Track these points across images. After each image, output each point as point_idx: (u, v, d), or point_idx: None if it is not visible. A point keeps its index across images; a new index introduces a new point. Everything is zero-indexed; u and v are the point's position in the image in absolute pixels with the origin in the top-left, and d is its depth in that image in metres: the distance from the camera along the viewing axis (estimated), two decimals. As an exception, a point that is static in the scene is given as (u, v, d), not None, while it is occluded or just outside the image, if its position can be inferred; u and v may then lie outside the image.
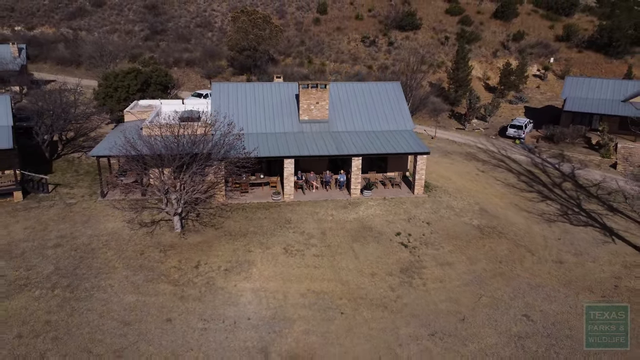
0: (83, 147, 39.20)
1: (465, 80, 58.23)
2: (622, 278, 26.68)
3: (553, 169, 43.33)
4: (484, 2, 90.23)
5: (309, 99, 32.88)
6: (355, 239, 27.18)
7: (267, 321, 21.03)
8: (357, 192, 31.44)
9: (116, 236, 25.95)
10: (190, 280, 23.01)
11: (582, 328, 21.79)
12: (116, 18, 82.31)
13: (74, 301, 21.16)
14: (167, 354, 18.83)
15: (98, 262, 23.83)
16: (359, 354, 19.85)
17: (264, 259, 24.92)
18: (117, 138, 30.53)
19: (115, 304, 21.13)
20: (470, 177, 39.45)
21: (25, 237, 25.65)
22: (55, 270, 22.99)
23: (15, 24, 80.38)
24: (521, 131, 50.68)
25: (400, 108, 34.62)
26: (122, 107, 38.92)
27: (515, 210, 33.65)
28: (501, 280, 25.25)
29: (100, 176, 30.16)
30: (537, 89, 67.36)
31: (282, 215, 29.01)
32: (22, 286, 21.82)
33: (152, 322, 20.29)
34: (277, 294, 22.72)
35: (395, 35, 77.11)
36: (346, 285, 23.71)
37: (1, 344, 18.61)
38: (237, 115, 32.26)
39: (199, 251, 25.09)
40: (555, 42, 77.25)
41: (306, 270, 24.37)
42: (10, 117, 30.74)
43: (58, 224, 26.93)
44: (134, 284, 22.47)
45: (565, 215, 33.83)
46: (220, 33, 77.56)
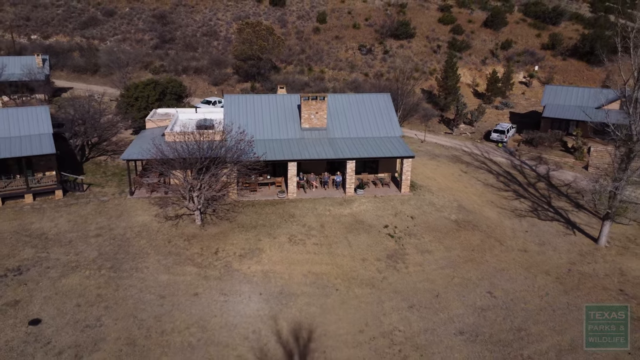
0: (107, 151, 43.90)
1: (453, 88, 62.90)
2: (575, 264, 31.38)
3: (530, 170, 48.01)
4: (475, 11, 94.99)
5: (309, 109, 37.58)
6: (349, 231, 31.86)
7: (275, 296, 25.71)
8: (351, 190, 36.14)
9: (146, 228, 30.65)
10: (211, 264, 27.70)
11: (535, 302, 26.34)
12: (127, 27, 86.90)
13: (118, 279, 25.84)
14: (196, 319, 23.50)
15: (134, 248, 28.53)
16: (350, 321, 24.52)
17: (271, 246, 29.61)
18: (143, 143, 35.27)
19: (151, 282, 25.82)
20: (454, 177, 44.14)
21: (69, 228, 30.34)
22: (99, 255, 27.69)
23: (32, 33, 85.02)
24: (503, 135, 55.35)
25: (390, 117, 39.32)
26: (142, 116, 43.61)
27: (490, 207, 38.37)
28: (472, 265, 29.94)
29: (130, 177, 34.84)
30: (523, 95, 72.11)
31: (287, 210, 33.70)
32: (74, 268, 26.50)
33: (182, 296, 24.97)
34: (283, 274, 27.41)
35: (391, 44, 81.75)
36: (341, 268, 28.40)
37: (65, 311, 23.26)
38: (246, 123, 36.90)
39: (217, 240, 29.79)
40: (541, 51, 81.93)
41: (307, 256, 29.06)
42: (50, 126, 35.41)
43: (96, 218, 31.63)
44: (165, 266, 27.17)
45: (535, 211, 38.53)
46: (226, 42, 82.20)
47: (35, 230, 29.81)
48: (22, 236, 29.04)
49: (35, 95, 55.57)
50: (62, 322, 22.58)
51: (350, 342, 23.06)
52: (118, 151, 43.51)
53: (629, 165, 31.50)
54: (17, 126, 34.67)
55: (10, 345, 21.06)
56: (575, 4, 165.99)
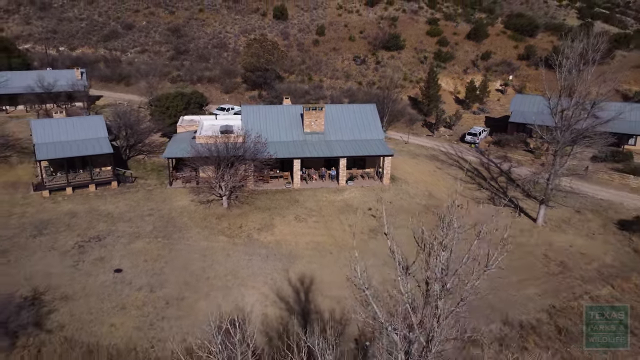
0: (143, 151, 53.23)
1: (435, 96, 72.29)
2: (515, 236, 40.74)
3: (495, 167, 57.44)
4: (460, 24, 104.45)
5: (310, 117, 46.99)
6: (341, 212, 41.25)
7: (286, 256, 35.10)
8: (343, 182, 45.57)
9: (186, 209, 40.07)
10: (237, 235, 37.11)
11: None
12: (145, 39, 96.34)
13: (170, 245, 35.25)
14: (230, 270, 32.87)
15: (178, 224, 37.95)
16: (339, 274, 33.80)
17: (281, 223, 39.02)
18: (179, 144, 44.71)
19: (195, 246, 35.23)
20: (429, 173, 53.57)
21: (127, 209, 39.77)
22: (154, 229, 37.11)
23: (59, 45, 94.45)
24: (476, 137, 64.78)
25: (375, 123, 48.77)
26: (172, 122, 52.95)
27: (455, 196, 47.73)
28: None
29: (170, 171, 44.26)
30: (498, 102, 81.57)
31: (292, 197, 43.13)
32: (137, 236, 35.92)
33: (218, 255, 34.38)
34: (291, 242, 36.80)
35: (382, 55, 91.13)
36: (334, 239, 37.80)
37: (137, 264, 32.68)
38: (260, 128, 46.25)
39: (240, 218, 39.20)
40: (517, 61, 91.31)
41: (309, 230, 38.47)
42: (105, 130, 44.83)
43: (146, 202, 41.06)
44: (203, 236, 36.58)
45: (492, 199, 47.93)
46: (234, 53, 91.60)
47: (103, 211, 39.25)
48: (95, 215, 38.46)
49: (75, 103, 64.92)
50: (137, 271, 31.97)
51: (338, 286, 32.36)
52: (152, 151, 52.91)
53: (555, 161, 40.97)
54: (80, 131, 44.07)
55: (105, 285, 30.45)
56: (564, 10, 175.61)
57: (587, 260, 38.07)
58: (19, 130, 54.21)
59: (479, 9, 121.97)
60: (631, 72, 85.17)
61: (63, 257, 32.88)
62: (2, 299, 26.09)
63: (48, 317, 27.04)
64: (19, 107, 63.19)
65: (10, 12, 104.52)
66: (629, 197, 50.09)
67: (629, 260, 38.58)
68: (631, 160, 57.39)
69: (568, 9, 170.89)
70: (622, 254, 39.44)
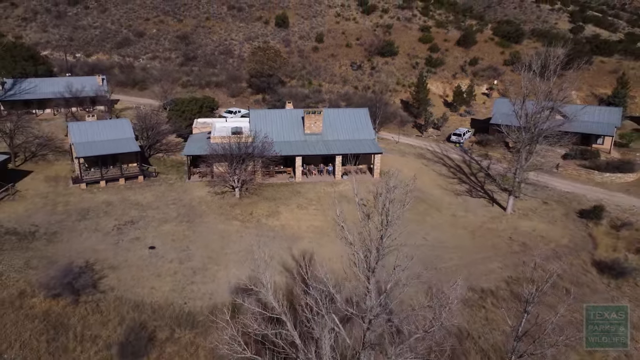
0: (161, 150, 59.88)
1: (424, 99, 79.00)
2: (487, 222, 47.50)
3: (476, 164, 64.15)
4: (450, 31, 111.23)
5: (310, 120, 53.67)
6: (337, 202, 47.85)
7: (289, 237, 41.77)
8: (339, 176, 52.26)
9: (204, 199, 46.78)
10: (248, 220, 43.80)
11: (451, 243, 42.28)
12: (155, 46, 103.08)
13: (193, 227, 41.94)
14: (243, 247, 39.50)
15: (198, 211, 44.65)
16: (335, 251, 40.43)
17: (286, 210, 45.71)
18: (196, 143, 51.41)
19: (214, 229, 41.91)
20: (416, 168, 60.15)
21: (154, 200, 46.47)
22: (178, 215, 43.82)
23: (75, 52, 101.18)
24: (460, 138, 71.50)
25: (367, 125, 55.49)
26: (188, 124, 59.64)
27: (437, 188, 54.54)
28: (416, 223, 45.98)
29: (188, 167, 50.99)
30: (483, 105, 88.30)
31: (295, 189, 49.81)
32: (165, 221, 42.63)
33: (233, 236, 41.06)
34: (294, 226, 43.48)
35: (377, 61, 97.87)
36: (330, 224, 44.39)
37: (166, 242, 39.38)
38: (266, 129, 52.90)
39: (250, 206, 45.89)
40: (503, 66, 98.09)
41: (309, 216, 45.14)
42: (132, 132, 51.52)
43: (169, 193, 47.77)
44: (220, 220, 43.28)
45: (469, 191, 54.68)
46: (239, 60, 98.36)
47: (133, 200, 45.96)
48: (127, 204, 45.18)
49: (97, 107, 71.61)
50: (167, 248, 38.70)
51: (334, 260, 39.06)
52: (170, 150, 59.62)
53: (521, 157, 47.71)
54: (110, 132, 50.79)
55: (143, 258, 37.13)
56: (556, 14, 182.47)
57: (545, 242, 44.81)
58: (50, 131, 60.91)
59: (470, 15, 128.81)
60: (607, 77, 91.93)
61: (105, 237, 39.63)
62: (65, 267, 32.69)
63: (100, 281, 33.73)
64: (47, 111, 69.88)
65: (27, 20, 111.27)
66: (592, 190, 56.83)
67: (582, 242, 45.35)
68: (598, 158, 64.10)
69: (560, 12, 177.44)
70: (577, 237, 46.20)
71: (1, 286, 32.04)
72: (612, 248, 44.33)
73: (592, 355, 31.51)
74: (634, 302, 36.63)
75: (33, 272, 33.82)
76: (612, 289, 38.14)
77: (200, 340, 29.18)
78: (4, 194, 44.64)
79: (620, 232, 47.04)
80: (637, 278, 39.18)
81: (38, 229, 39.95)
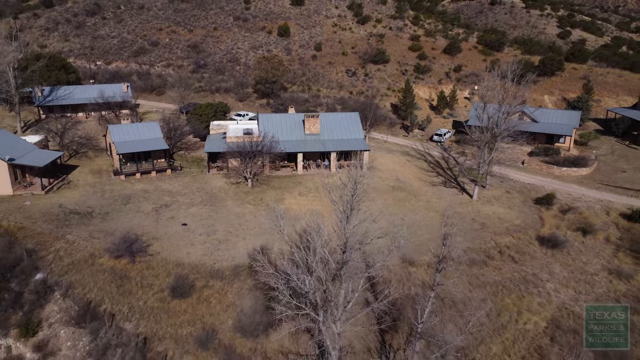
0: (182, 148, 69.94)
1: (410, 103, 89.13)
2: (454, 207, 57.56)
3: (453, 160, 74.30)
4: (438, 40, 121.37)
5: (309, 122, 63.81)
6: (331, 190, 57.90)
7: (293, 217, 51.81)
8: (334, 170, 62.43)
9: (222, 188, 56.93)
10: (259, 204, 53.92)
11: (423, 223, 52.50)
12: (169, 55, 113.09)
13: (215, 210, 52.06)
14: (257, 225, 49.58)
15: (219, 197, 54.78)
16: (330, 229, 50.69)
17: (289, 197, 55.82)
18: (214, 142, 61.58)
19: (232, 211, 52.04)
20: (400, 164, 70.40)
21: (182, 188, 56.60)
22: (202, 200, 53.97)
23: (96, 60, 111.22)
24: (441, 137, 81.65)
25: (357, 126, 65.65)
26: (205, 126, 69.72)
27: (416, 180, 64.70)
28: (396, 207, 56.09)
29: (208, 162, 61.13)
30: (465, 108, 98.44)
31: (297, 180, 59.96)
32: (192, 204, 52.78)
33: (248, 216, 51.18)
34: (296, 209, 53.57)
35: (370, 68, 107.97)
36: (326, 207, 54.46)
37: (195, 221, 49.47)
38: (273, 130, 62.98)
39: (261, 194, 56.01)
40: (484, 72, 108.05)
41: (308, 202, 55.27)
42: (160, 133, 61.63)
43: (193, 183, 57.93)
44: (236, 204, 53.42)
45: (444, 183, 64.84)
46: (245, 67, 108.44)
47: (165, 189, 56.10)
48: (160, 191, 55.32)
49: (122, 111, 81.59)
50: (196, 225, 48.83)
51: (329, 237, 49.24)
52: (189, 148, 69.69)
53: (483, 153, 57.90)
54: (143, 133, 60.87)
55: (178, 232, 47.25)
56: (544, 19, 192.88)
57: (501, 222, 54.99)
58: (85, 132, 70.99)
59: (458, 24, 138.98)
60: (577, 83, 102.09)
61: (147, 216, 49.77)
62: (122, 236, 42.77)
63: (148, 248, 43.84)
64: (79, 114, 79.94)
65: (50, 30, 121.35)
66: (550, 182, 67.00)
67: (532, 222, 55.53)
68: (558, 155, 74.28)
69: (549, 18, 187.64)
70: (529, 219, 56.37)
71: (76, 250, 42.16)
72: (556, 227, 54.54)
73: (521, 300, 41.81)
74: (563, 265, 46.93)
75: (96, 241, 43.96)
76: (548, 256, 48.41)
77: (228, 287, 39.37)
78: (60, 183, 54.75)
79: (566, 215, 57.28)
80: (569, 248, 49.45)
81: (93, 210, 50.06)
